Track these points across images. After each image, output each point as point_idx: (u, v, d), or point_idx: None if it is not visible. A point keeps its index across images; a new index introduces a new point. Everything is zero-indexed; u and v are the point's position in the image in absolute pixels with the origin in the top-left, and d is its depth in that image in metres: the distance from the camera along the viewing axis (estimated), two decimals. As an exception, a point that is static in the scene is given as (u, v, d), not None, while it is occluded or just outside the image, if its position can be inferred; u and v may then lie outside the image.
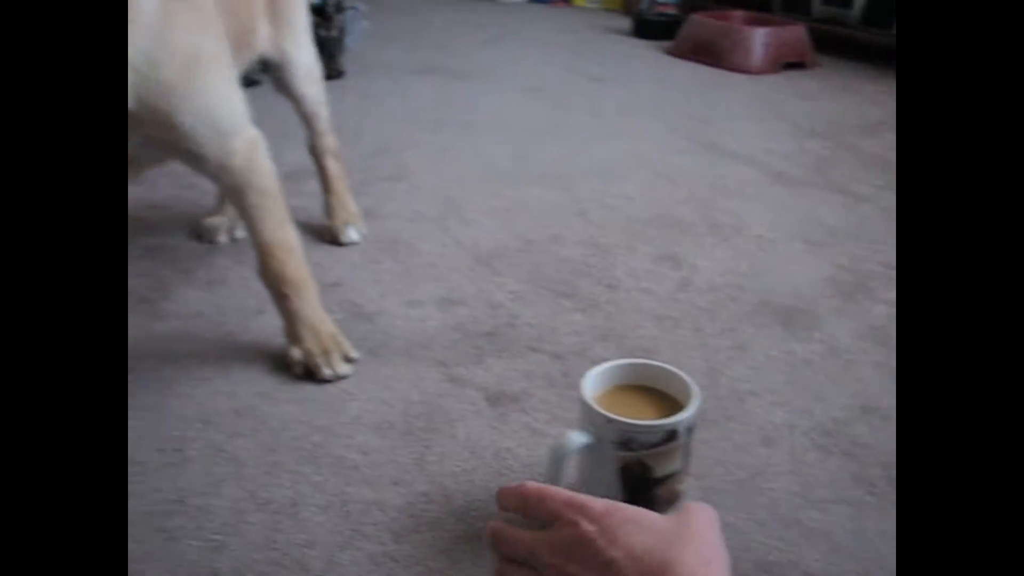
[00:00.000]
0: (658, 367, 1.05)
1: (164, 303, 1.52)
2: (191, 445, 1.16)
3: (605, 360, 1.33)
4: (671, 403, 1.02)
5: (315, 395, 1.26)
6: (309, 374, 1.29)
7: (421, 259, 1.69)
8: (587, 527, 0.70)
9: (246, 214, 1.29)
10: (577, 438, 0.95)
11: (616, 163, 2.30)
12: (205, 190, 1.96)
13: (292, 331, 1.33)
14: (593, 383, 1.01)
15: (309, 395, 1.26)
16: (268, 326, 1.41)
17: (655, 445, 0.95)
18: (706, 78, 3.40)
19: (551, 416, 1.22)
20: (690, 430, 0.98)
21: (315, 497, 1.06)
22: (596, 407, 0.96)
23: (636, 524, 0.69)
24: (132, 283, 1.56)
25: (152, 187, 2.01)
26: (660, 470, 0.96)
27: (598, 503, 0.73)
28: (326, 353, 1.30)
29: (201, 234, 1.77)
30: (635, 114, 2.82)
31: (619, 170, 2.24)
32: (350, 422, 1.20)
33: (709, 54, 3.64)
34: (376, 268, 1.65)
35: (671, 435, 0.95)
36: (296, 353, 1.30)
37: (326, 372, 1.29)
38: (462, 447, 1.15)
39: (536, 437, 1.17)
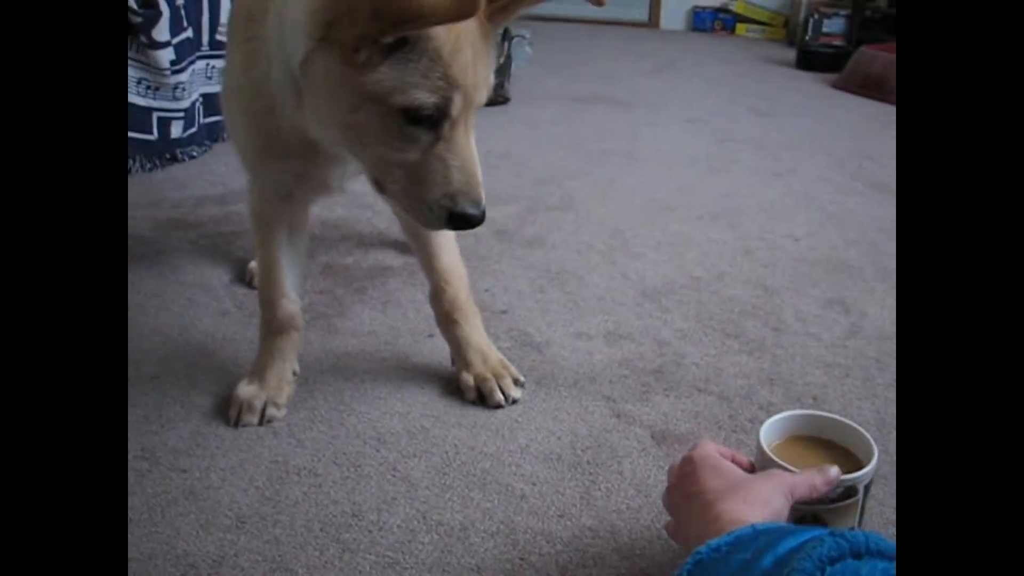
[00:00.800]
0: (835, 420, 1.04)
1: (340, 320, 1.59)
2: (367, 462, 1.21)
3: (772, 404, 1.32)
4: (848, 457, 1.00)
5: (484, 421, 1.30)
6: (481, 399, 1.33)
7: (588, 291, 1.71)
8: (687, 466, 0.93)
9: (427, 241, 1.35)
10: None
11: (782, 201, 2.27)
12: (378, 210, 2.04)
13: (462, 357, 1.37)
14: (769, 432, 1.01)
15: (478, 421, 1.30)
16: (438, 349, 1.45)
17: (833, 501, 0.93)
18: (876, 114, 3.31)
19: (717, 459, 1.21)
20: (868, 488, 0.97)
21: (484, 523, 1.09)
22: (775, 458, 0.95)
23: (717, 470, 0.90)
24: (310, 299, 1.64)
25: (328, 206, 2.11)
26: (835, 526, 0.95)
27: (699, 452, 0.94)
28: (497, 378, 1.34)
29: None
30: (801, 150, 2.78)
31: (785, 208, 2.21)
32: (518, 451, 1.23)
33: (879, 89, 3.54)
34: (543, 298, 1.68)
35: (849, 492, 0.94)
36: (468, 378, 1.34)
37: (498, 397, 1.32)
38: (628, 484, 1.16)
39: (703, 480, 1.17)
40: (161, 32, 2.22)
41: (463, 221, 1.05)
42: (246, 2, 1.17)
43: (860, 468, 0.96)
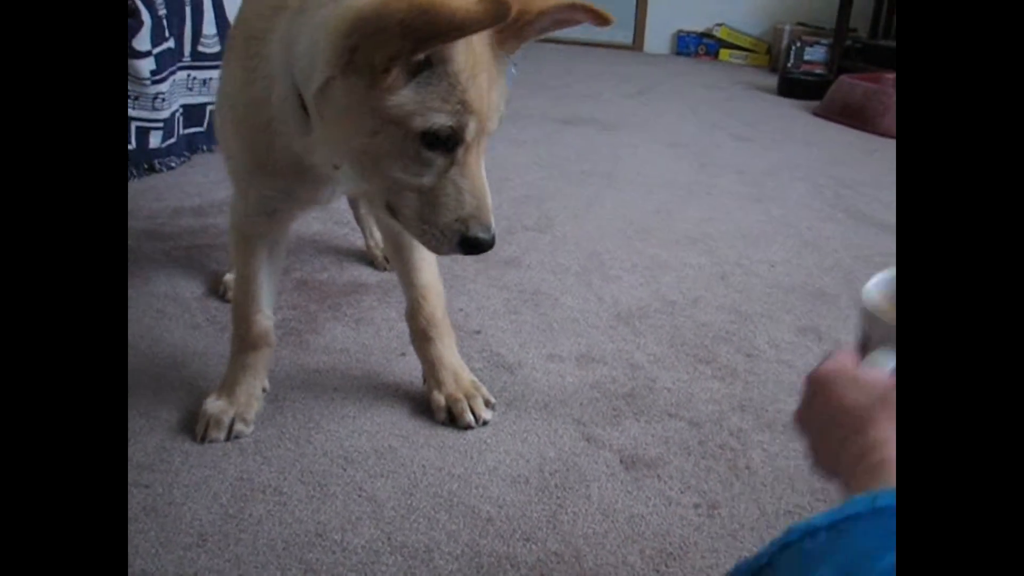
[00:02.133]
0: None
1: (312, 336, 1.58)
2: (333, 481, 1.19)
3: (742, 431, 1.32)
4: None
5: (453, 442, 1.29)
6: (452, 419, 1.32)
7: (562, 313, 1.71)
8: (814, 388, 0.78)
9: (409, 256, 1.34)
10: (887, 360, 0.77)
11: (760, 226, 2.28)
12: (355, 227, 2.03)
13: (434, 375, 1.36)
14: (873, 293, 0.81)
15: (447, 441, 1.29)
16: (410, 369, 1.44)
17: None
18: (854, 142, 3.34)
19: (686, 485, 1.21)
20: None
21: (449, 545, 1.08)
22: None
23: (854, 381, 0.74)
24: (283, 315, 1.63)
25: (306, 222, 2.10)
26: None
27: (827, 366, 0.78)
28: (469, 398, 1.33)
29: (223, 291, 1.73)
30: (780, 176, 2.79)
31: (763, 234, 2.22)
32: (486, 473, 1.22)
33: (858, 117, 3.57)
34: (517, 319, 1.67)
35: None
36: (439, 398, 1.33)
37: (469, 418, 1.31)
38: (596, 509, 1.16)
39: (672, 507, 1.16)
40: (142, 42, 2.22)
41: (474, 245, 1.06)
42: (248, 21, 1.16)
43: None
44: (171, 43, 2.34)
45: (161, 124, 2.37)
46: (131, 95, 2.27)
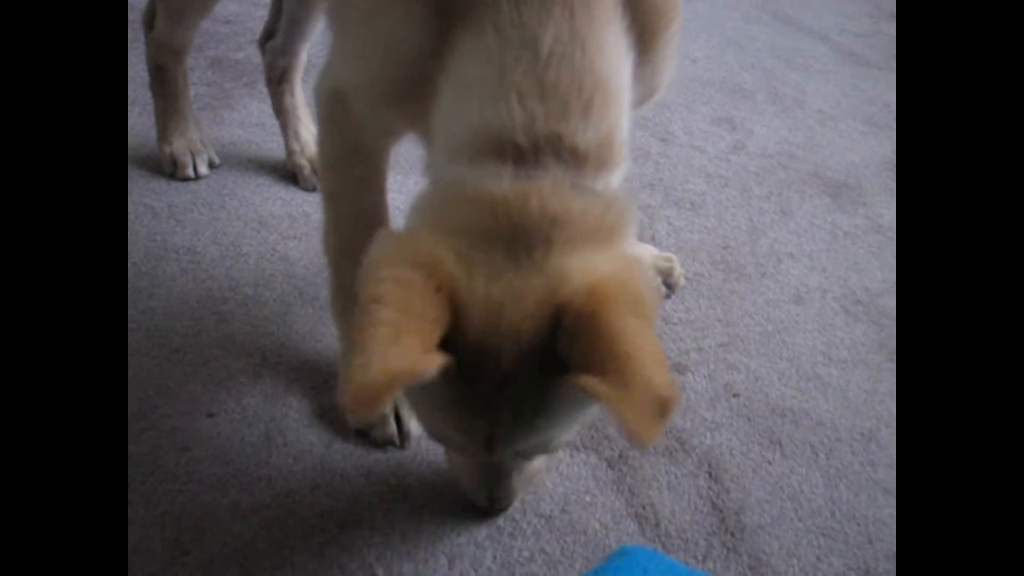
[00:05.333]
0: None
1: (228, 112, 1.56)
2: (247, 243, 1.21)
3: (650, 207, 1.36)
4: None
5: (366, 210, 1.31)
6: None
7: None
8: None
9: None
10: None
11: (685, 24, 2.24)
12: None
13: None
14: None
15: (361, 209, 1.31)
16: (326, 143, 1.44)
17: None
18: (790, -50, 3.29)
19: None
20: None
21: (359, 300, 1.12)
22: None
23: None
24: (198, 91, 1.59)
25: (223, 4, 2.02)
26: None
27: None
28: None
29: None
30: (711, -21, 2.75)
31: (687, 32, 2.19)
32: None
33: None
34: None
35: None
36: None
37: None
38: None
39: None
40: None
41: None
42: None
43: None
44: None
45: None
46: None
